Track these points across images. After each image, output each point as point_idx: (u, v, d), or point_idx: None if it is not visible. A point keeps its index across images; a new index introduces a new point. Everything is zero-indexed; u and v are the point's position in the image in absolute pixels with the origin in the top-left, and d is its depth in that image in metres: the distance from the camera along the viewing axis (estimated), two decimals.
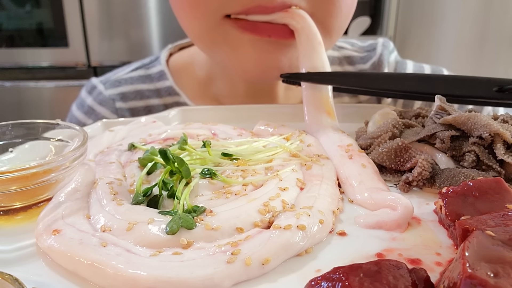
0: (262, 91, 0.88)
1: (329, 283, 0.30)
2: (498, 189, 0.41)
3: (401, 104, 0.96)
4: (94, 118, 0.95)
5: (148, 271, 0.35)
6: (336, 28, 0.74)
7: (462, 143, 0.52)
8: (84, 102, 0.98)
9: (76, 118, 0.97)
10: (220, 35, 0.72)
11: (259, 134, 0.66)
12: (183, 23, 0.77)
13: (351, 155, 0.54)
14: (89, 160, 0.56)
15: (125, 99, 0.95)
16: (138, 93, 0.95)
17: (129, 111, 0.95)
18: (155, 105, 0.94)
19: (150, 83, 0.95)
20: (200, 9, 0.70)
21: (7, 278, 0.33)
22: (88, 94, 0.98)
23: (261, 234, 0.39)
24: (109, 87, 0.96)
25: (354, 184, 0.50)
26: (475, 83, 0.58)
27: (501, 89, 0.56)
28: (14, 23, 2.24)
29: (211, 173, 0.49)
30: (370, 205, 0.47)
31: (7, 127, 0.55)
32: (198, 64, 0.93)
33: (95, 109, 0.96)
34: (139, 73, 0.97)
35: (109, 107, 0.95)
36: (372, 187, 0.49)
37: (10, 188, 0.46)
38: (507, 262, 0.29)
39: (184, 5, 0.73)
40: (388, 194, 0.46)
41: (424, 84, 0.62)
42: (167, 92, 0.94)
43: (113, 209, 0.43)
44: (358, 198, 0.49)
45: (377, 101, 0.97)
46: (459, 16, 2.21)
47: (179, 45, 1.00)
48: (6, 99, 2.31)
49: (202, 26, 0.72)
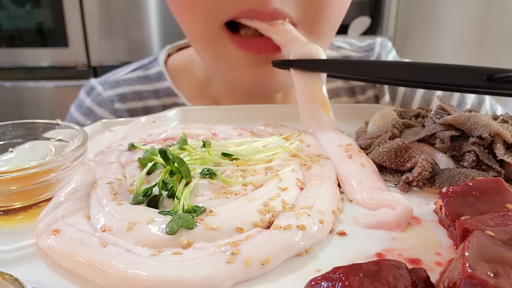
0: (260, 93, 0.89)
1: (329, 283, 0.30)
2: (498, 189, 0.41)
3: (400, 100, 0.97)
4: (93, 119, 0.95)
5: (148, 271, 0.35)
6: (324, 32, 0.76)
7: (462, 143, 0.52)
8: (83, 103, 0.98)
9: (75, 119, 0.97)
10: (218, 46, 0.74)
11: (259, 134, 0.66)
12: (183, 26, 0.78)
13: (350, 155, 0.54)
14: (89, 160, 0.56)
15: (123, 100, 0.95)
16: (137, 94, 0.95)
17: (128, 112, 0.95)
18: (154, 106, 0.94)
19: (148, 84, 0.95)
20: (198, 13, 0.71)
21: (7, 278, 0.33)
22: (86, 95, 0.98)
23: (261, 234, 0.39)
24: (107, 88, 0.96)
25: (353, 184, 0.50)
26: (465, 71, 0.59)
27: (490, 77, 0.57)
28: (14, 23, 2.24)
29: (211, 173, 0.49)
30: (369, 205, 0.47)
31: (7, 127, 0.55)
32: (196, 65, 0.93)
33: (93, 110, 0.96)
34: (138, 74, 0.97)
35: (108, 108, 0.95)
36: (371, 187, 0.49)
37: (10, 188, 0.46)
38: (507, 262, 0.29)
39: (181, 8, 0.74)
40: (388, 194, 0.46)
41: (415, 72, 0.63)
42: (165, 93, 0.94)
43: (113, 209, 0.43)
44: (357, 198, 0.49)
45: (375, 101, 0.97)
46: (459, 16, 2.21)
47: (177, 46, 1.01)
48: (6, 99, 2.31)
49: (201, 32, 0.74)
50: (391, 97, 0.97)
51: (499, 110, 0.97)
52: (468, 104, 0.95)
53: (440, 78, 0.60)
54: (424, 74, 0.62)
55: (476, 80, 0.58)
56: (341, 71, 0.69)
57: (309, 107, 0.65)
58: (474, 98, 0.95)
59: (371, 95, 0.97)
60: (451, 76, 0.60)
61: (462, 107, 0.95)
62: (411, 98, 0.96)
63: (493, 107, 0.96)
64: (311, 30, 0.73)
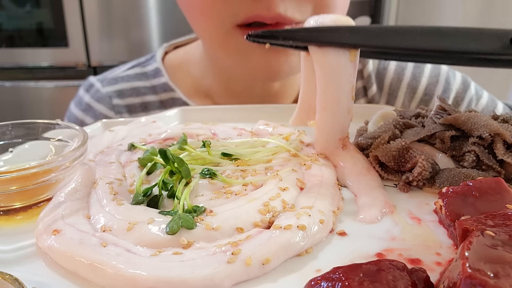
0: (254, 88, 0.91)
1: (328, 283, 0.30)
2: (498, 189, 0.41)
3: (387, 89, 0.97)
4: (92, 115, 0.97)
5: (148, 271, 0.35)
6: None
7: (462, 143, 0.52)
8: (82, 100, 0.99)
9: (74, 116, 0.99)
10: (231, 43, 0.76)
11: (259, 134, 0.66)
12: (195, 28, 0.81)
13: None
14: (89, 160, 0.56)
15: (121, 96, 0.97)
16: (135, 90, 0.97)
17: (126, 107, 0.97)
18: (151, 101, 0.97)
19: (146, 80, 0.98)
20: (209, 16, 0.74)
21: (7, 278, 0.33)
22: (85, 92, 1.00)
23: (262, 234, 0.39)
24: (106, 85, 0.99)
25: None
26: (486, 35, 0.49)
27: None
28: (14, 23, 2.24)
29: (211, 173, 0.49)
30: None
31: (7, 127, 0.55)
32: (193, 61, 0.96)
33: (92, 106, 0.97)
34: (135, 71, 1.00)
35: (106, 104, 0.97)
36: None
37: (10, 188, 0.46)
38: (507, 262, 0.29)
39: (193, 12, 0.77)
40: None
41: (430, 39, 0.51)
42: (162, 89, 0.96)
43: (113, 209, 0.43)
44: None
45: (364, 92, 0.98)
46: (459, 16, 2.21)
47: (174, 44, 1.03)
48: (6, 99, 2.31)
49: (213, 33, 0.77)
50: (378, 87, 0.98)
51: (484, 96, 0.97)
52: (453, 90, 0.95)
53: (458, 44, 0.49)
54: (439, 40, 0.50)
55: (499, 44, 0.49)
56: (346, 40, 0.51)
57: (336, 105, 0.53)
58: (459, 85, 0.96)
59: (359, 86, 0.99)
60: (471, 41, 0.49)
61: (446, 94, 0.95)
62: (397, 87, 0.98)
63: (478, 92, 0.97)
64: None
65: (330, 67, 0.51)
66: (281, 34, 0.52)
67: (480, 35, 0.49)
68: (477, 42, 0.49)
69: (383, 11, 2.34)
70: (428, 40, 0.50)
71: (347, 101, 0.53)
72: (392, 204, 0.47)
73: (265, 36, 0.52)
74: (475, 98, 0.97)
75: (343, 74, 0.51)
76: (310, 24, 0.52)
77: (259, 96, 0.91)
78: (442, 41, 0.50)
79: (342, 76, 0.51)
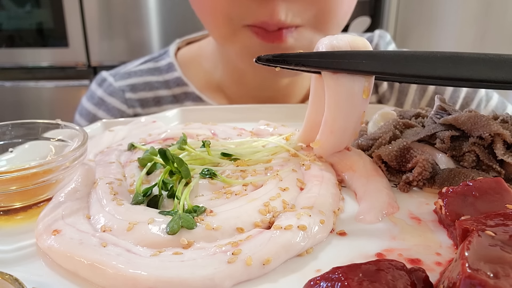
0: (265, 81, 0.91)
1: (328, 283, 0.30)
2: (498, 189, 0.41)
3: (398, 87, 0.97)
4: (104, 108, 0.97)
5: (148, 271, 0.35)
6: (331, 31, 0.77)
7: (462, 143, 0.52)
8: (95, 94, 1.00)
9: (86, 109, 0.99)
10: (240, 41, 0.77)
11: (259, 134, 0.66)
12: (207, 27, 0.82)
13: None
14: (89, 160, 0.56)
15: (134, 90, 0.98)
16: (147, 84, 0.98)
17: (139, 101, 0.97)
18: (164, 95, 0.97)
19: (159, 75, 0.98)
20: (219, 17, 0.75)
21: (7, 278, 0.33)
22: (98, 86, 1.01)
23: (262, 234, 0.39)
24: (118, 79, 0.99)
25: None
26: (508, 63, 0.46)
27: None
28: (14, 23, 2.23)
29: (211, 173, 0.49)
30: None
31: (7, 127, 0.55)
32: (205, 56, 0.97)
33: (105, 100, 0.98)
34: (148, 66, 1.01)
35: (119, 98, 0.97)
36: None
37: (10, 188, 0.46)
38: (507, 262, 0.29)
39: (204, 12, 0.79)
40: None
41: (451, 66, 0.47)
42: (175, 83, 0.97)
43: (113, 209, 0.43)
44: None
45: (374, 89, 0.97)
46: (459, 16, 2.21)
47: (186, 40, 1.04)
48: (6, 99, 2.31)
49: (222, 33, 0.79)
50: (389, 84, 0.98)
51: (494, 98, 0.97)
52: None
53: (493, 73, 0.46)
54: (468, 68, 0.47)
55: None
56: (362, 67, 0.48)
57: (343, 132, 0.52)
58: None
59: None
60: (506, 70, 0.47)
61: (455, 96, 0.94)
62: (407, 85, 0.96)
63: (488, 94, 0.97)
64: (318, 31, 0.76)
65: (343, 94, 0.49)
66: (293, 59, 0.49)
67: (502, 63, 0.47)
68: (499, 70, 0.47)
69: (383, 11, 2.34)
70: (448, 68, 0.47)
71: (355, 127, 0.52)
72: (396, 206, 0.47)
73: (276, 61, 0.49)
74: (485, 99, 0.96)
75: (355, 102, 0.49)
76: (324, 46, 0.50)
77: (270, 89, 0.91)
78: (463, 70, 0.47)
79: (354, 104, 0.49)
